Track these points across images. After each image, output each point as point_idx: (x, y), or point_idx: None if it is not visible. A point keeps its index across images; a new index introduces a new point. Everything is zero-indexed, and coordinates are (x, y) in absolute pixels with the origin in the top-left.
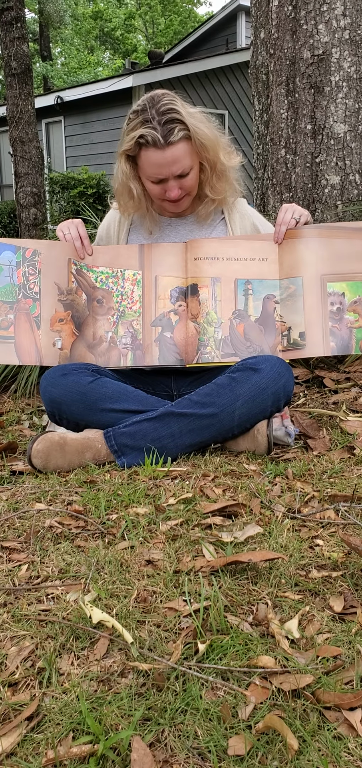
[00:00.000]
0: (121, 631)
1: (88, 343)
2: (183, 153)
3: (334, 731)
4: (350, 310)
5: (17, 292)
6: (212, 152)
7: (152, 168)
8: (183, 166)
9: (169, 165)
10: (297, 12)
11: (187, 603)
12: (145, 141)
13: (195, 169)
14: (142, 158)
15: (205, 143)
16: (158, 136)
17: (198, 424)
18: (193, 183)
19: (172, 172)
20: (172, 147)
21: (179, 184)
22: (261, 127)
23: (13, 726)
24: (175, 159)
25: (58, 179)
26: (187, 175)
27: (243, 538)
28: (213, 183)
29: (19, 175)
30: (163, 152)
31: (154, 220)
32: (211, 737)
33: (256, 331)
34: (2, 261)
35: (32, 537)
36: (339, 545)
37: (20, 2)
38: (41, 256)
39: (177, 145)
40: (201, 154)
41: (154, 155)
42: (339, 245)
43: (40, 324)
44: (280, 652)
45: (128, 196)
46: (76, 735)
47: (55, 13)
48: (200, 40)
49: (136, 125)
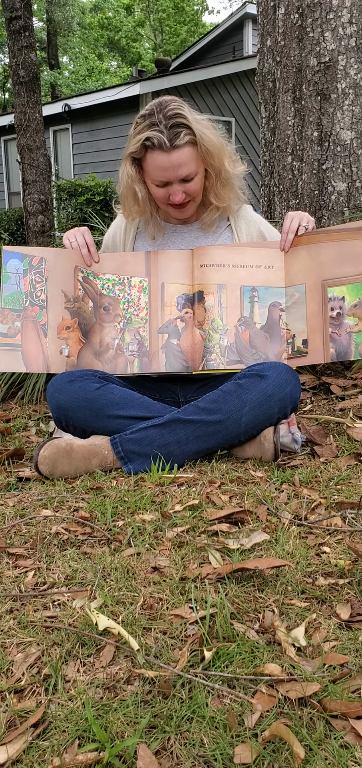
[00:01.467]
0: (127, 638)
1: (95, 350)
2: (189, 157)
3: (341, 740)
4: (350, 314)
5: (24, 300)
6: (217, 159)
7: (157, 171)
8: (188, 170)
9: (174, 168)
10: (304, 20)
11: (193, 610)
12: (151, 143)
13: (200, 174)
14: (148, 161)
15: (211, 149)
16: (164, 139)
17: (205, 431)
18: (198, 188)
19: (177, 176)
20: (177, 150)
21: (183, 188)
22: (267, 134)
23: (19, 733)
24: (180, 162)
25: (66, 186)
26: (192, 179)
27: (250, 545)
28: (218, 190)
29: (26, 183)
30: (169, 155)
31: (158, 226)
32: (217, 745)
33: (262, 338)
34: (9, 269)
35: (39, 543)
36: (345, 553)
37: (28, 11)
38: (48, 264)
39: (182, 149)
40: (206, 161)
41: (160, 158)
42: (339, 248)
43: (47, 332)
44: (287, 659)
45: (133, 199)
46: (82, 742)
47: (63, 20)
48: (207, 48)
49: (142, 128)
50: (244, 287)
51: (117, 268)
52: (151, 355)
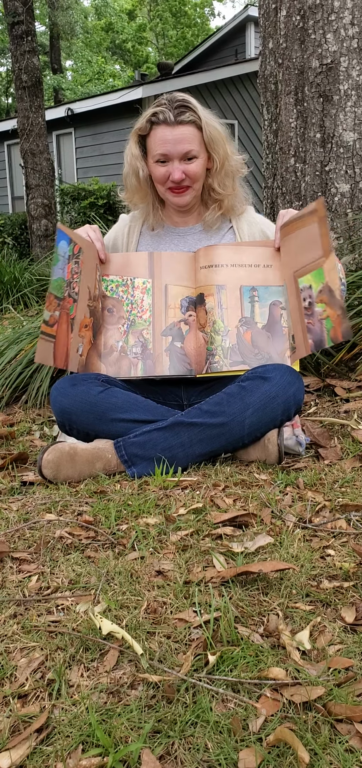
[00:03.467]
0: (130, 642)
1: (99, 352)
2: (191, 135)
3: (346, 744)
4: (318, 301)
5: (65, 289)
6: (222, 149)
7: (159, 144)
8: (189, 147)
9: (176, 142)
10: (306, 22)
11: (197, 614)
12: (157, 119)
13: (202, 160)
14: (152, 137)
15: (215, 137)
16: (169, 113)
17: (209, 434)
18: (198, 171)
19: (178, 150)
20: (181, 126)
21: (183, 167)
22: (270, 136)
23: (23, 738)
24: (183, 137)
25: (69, 190)
26: (192, 160)
27: (254, 549)
28: (222, 178)
29: (30, 187)
30: (172, 129)
31: (158, 218)
32: (222, 750)
33: (264, 338)
34: (60, 251)
35: (42, 548)
36: (350, 555)
37: (30, 16)
38: (83, 256)
39: (186, 126)
40: (211, 146)
41: (163, 131)
42: (300, 236)
43: (73, 327)
44: (291, 663)
45: (135, 178)
46: (86, 747)
47: (66, 24)
48: (209, 50)
49: (151, 108)
50: (244, 287)
51: (120, 269)
52: (155, 357)
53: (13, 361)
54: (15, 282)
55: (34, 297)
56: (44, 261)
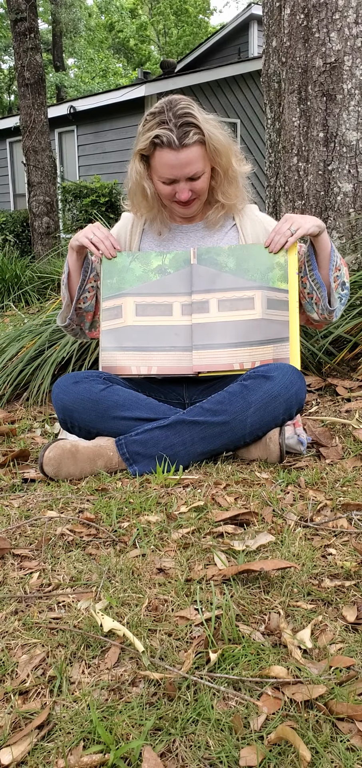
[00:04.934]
0: (132, 639)
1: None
2: (197, 156)
3: (347, 742)
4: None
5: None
6: (225, 158)
7: (165, 168)
8: (195, 169)
9: (182, 167)
10: (309, 20)
11: (199, 612)
12: (160, 141)
13: (207, 173)
14: (156, 158)
15: (219, 148)
16: (173, 138)
17: (210, 432)
18: (204, 186)
19: (184, 174)
20: (186, 149)
21: (190, 186)
22: (273, 135)
23: (24, 734)
24: (188, 161)
25: (71, 188)
26: (199, 178)
27: (255, 547)
28: (225, 188)
29: (31, 184)
30: (177, 154)
31: (164, 222)
32: (223, 748)
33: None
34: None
35: (44, 545)
36: (352, 554)
37: (33, 13)
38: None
39: (191, 148)
40: (214, 159)
41: (168, 156)
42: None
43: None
44: (292, 662)
45: (142, 195)
46: (87, 744)
47: (69, 21)
48: (212, 49)
49: (152, 126)
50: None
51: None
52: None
53: (14, 358)
54: (16, 279)
55: (36, 294)
56: (45, 258)
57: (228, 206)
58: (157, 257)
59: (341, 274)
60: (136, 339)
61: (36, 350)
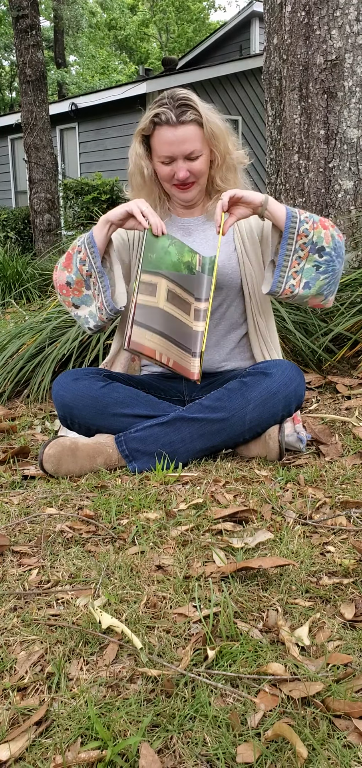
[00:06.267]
0: (130, 636)
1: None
2: (194, 134)
3: (344, 740)
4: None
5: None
6: (223, 143)
7: (163, 146)
8: (193, 147)
9: (179, 143)
10: (311, 17)
11: (197, 609)
12: (159, 120)
13: (205, 157)
14: (155, 137)
15: (216, 132)
16: (171, 115)
17: (209, 429)
18: (202, 168)
19: (182, 151)
20: (183, 126)
21: (188, 166)
22: (274, 132)
23: (22, 731)
24: (185, 137)
25: (72, 185)
26: (196, 159)
27: (254, 544)
28: (224, 173)
29: (33, 181)
30: (175, 130)
31: (164, 209)
32: (220, 744)
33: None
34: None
35: (43, 541)
36: (350, 552)
37: (35, 10)
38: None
39: (188, 125)
40: (212, 142)
41: (166, 132)
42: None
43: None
44: (290, 659)
45: (140, 176)
46: (85, 740)
47: (72, 18)
48: (214, 46)
49: (152, 108)
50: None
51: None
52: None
53: (15, 355)
54: (17, 276)
55: (37, 291)
56: (47, 255)
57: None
58: (188, 253)
59: (310, 239)
60: (163, 324)
61: (37, 347)
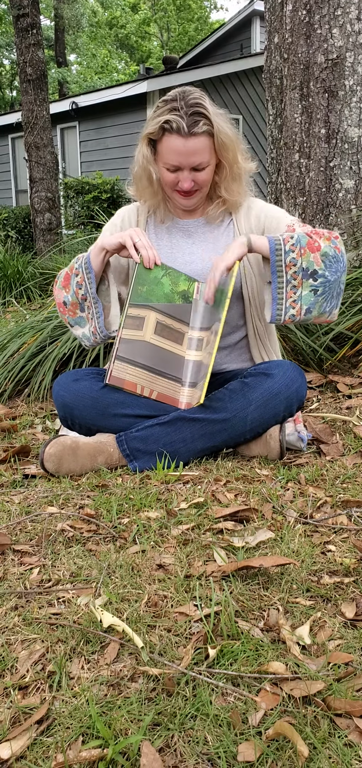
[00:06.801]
0: (131, 635)
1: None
2: (203, 147)
3: (345, 738)
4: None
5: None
6: (232, 153)
7: (171, 154)
8: (201, 159)
9: (188, 155)
10: (312, 16)
11: (198, 608)
12: (170, 127)
13: (211, 166)
14: (163, 143)
15: (226, 143)
16: (183, 124)
17: (210, 429)
18: (206, 179)
19: (189, 163)
20: (194, 138)
21: (193, 176)
22: (275, 131)
23: (23, 729)
24: (195, 150)
25: (73, 184)
26: (203, 170)
27: (255, 543)
28: (229, 183)
29: (33, 180)
30: (185, 141)
31: (167, 211)
32: (221, 743)
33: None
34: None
35: (44, 540)
36: (351, 551)
37: (36, 9)
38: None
39: (199, 137)
40: (221, 152)
41: (176, 142)
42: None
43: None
44: (291, 658)
45: (147, 180)
46: (86, 739)
47: (72, 17)
48: (215, 45)
49: (163, 111)
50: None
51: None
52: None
53: (15, 354)
54: (18, 275)
55: (37, 291)
56: (47, 255)
57: (230, 203)
58: (184, 281)
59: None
60: (148, 358)
61: (37, 346)
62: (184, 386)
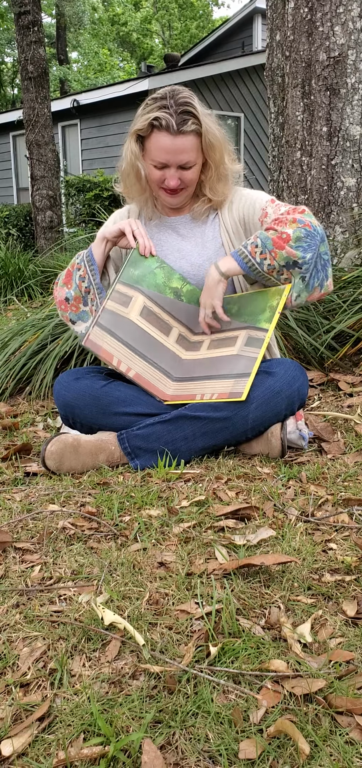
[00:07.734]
0: (132, 633)
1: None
2: (191, 146)
3: (346, 736)
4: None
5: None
6: (218, 154)
7: (159, 151)
8: (188, 158)
9: (176, 153)
10: (313, 14)
11: (199, 606)
12: (159, 123)
13: (198, 165)
14: (152, 140)
15: (214, 143)
16: (172, 122)
17: (212, 428)
18: (193, 178)
19: (176, 161)
20: (182, 136)
21: (180, 174)
22: (276, 129)
23: (25, 726)
24: (183, 148)
25: (74, 182)
26: (190, 168)
27: (256, 541)
28: (214, 184)
29: (35, 178)
30: (174, 139)
31: (154, 210)
32: (222, 741)
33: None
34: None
35: (45, 538)
36: (352, 549)
37: (37, 6)
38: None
39: (187, 136)
40: (208, 152)
41: (164, 139)
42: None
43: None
44: (292, 656)
45: (135, 177)
46: (87, 736)
47: (73, 15)
48: (216, 43)
49: (152, 109)
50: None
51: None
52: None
53: (17, 352)
54: (19, 273)
55: (39, 288)
56: (49, 252)
57: (214, 201)
58: (178, 280)
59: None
60: (130, 336)
61: (38, 344)
62: (179, 381)
